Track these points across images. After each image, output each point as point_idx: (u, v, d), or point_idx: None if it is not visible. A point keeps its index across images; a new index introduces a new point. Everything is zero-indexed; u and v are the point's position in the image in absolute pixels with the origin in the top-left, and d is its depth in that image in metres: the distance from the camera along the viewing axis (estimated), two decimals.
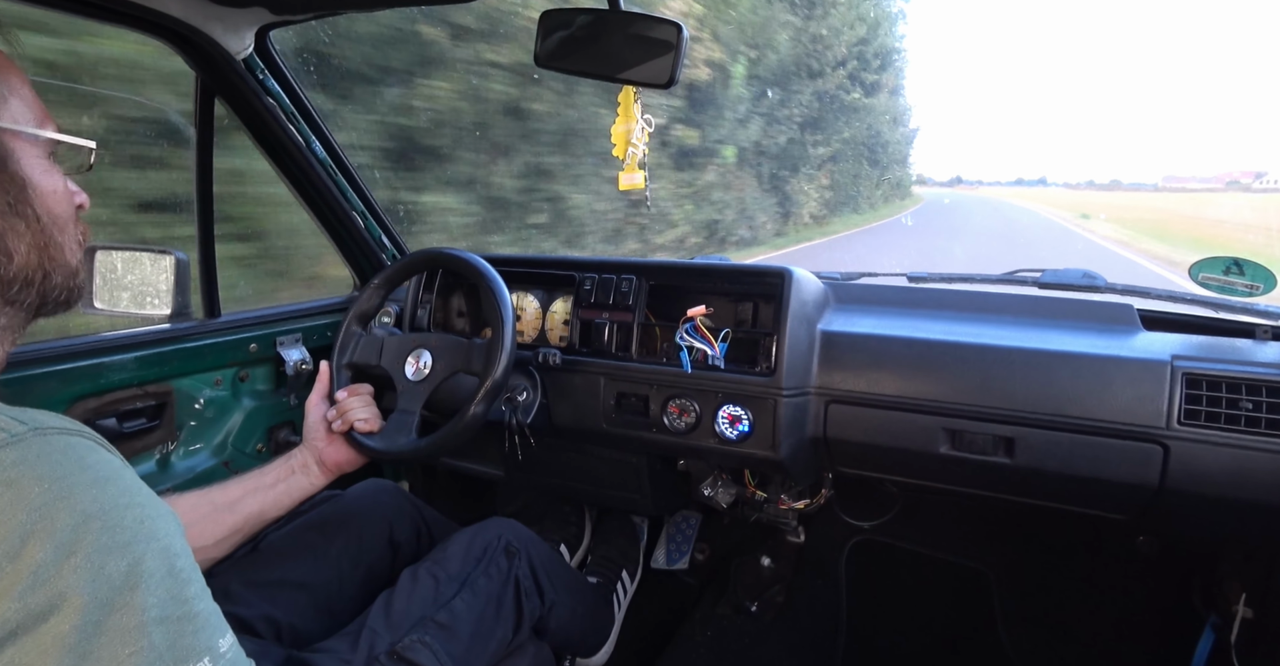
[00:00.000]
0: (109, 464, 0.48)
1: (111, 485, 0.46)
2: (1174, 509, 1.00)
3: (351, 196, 1.43)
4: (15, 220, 0.55)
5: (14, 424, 0.45)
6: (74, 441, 0.47)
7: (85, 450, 0.47)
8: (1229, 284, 1.07)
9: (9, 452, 0.44)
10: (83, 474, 0.45)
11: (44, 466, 0.44)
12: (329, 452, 1.07)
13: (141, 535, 0.45)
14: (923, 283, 1.34)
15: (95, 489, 0.45)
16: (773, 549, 1.67)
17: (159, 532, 0.46)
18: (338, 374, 1.16)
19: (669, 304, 1.25)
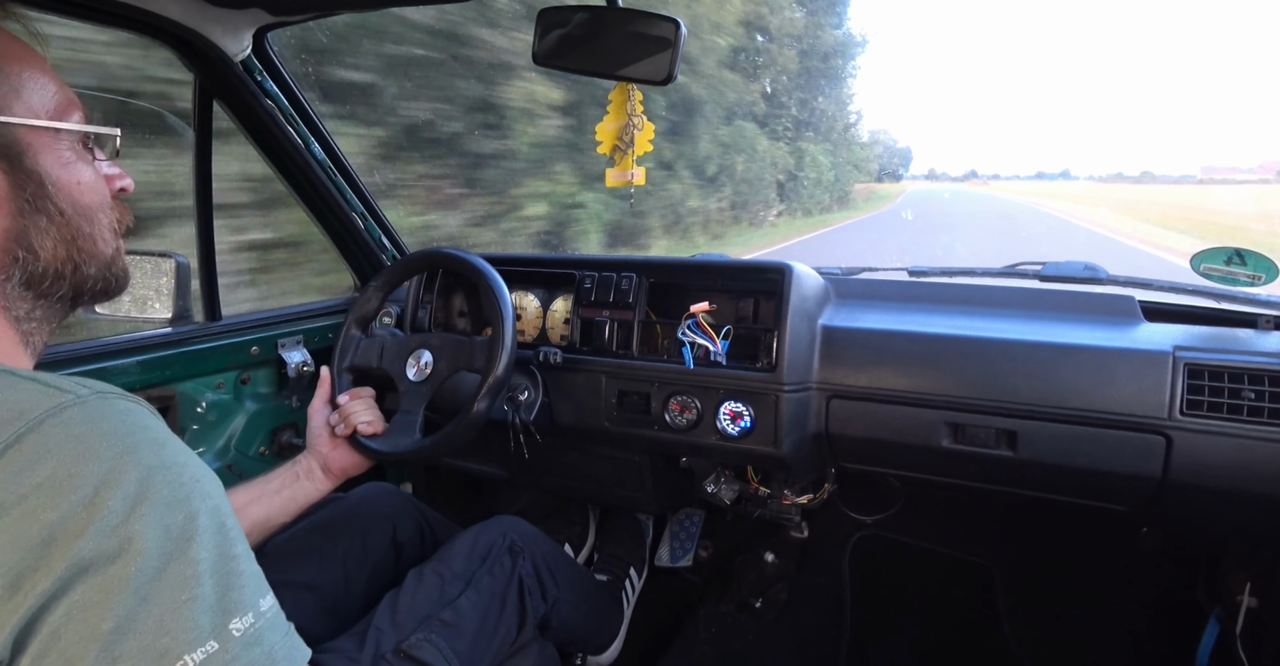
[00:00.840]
0: (162, 428, 0.50)
1: (169, 445, 0.48)
2: (1177, 500, 1.00)
3: (351, 197, 1.43)
4: (37, 216, 0.55)
5: (79, 387, 0.47)
6: (132, 406, 0.49)
7: (142, 414, 0.49)
8: (1231, 274, 1.07)
9: (77, 411, 0.45)
10: (144, 433, 0.47)
11: (109, 424, 0.46)
12: (334, 457, 1.07)
13: (197, 492, 0.47)
14: (923, 277, 1.34)
15: (156, 447, 0.47)
16: (776, 545, 1.67)
17: (211, 491, 0.48)
18: (339, 378, 1.16)
19: (669, 301, 1.25)
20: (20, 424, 0.43)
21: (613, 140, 1.09)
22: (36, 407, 0.44)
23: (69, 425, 0.44)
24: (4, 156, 0.53)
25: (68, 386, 0.47)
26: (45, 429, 0.44)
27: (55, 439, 0.44)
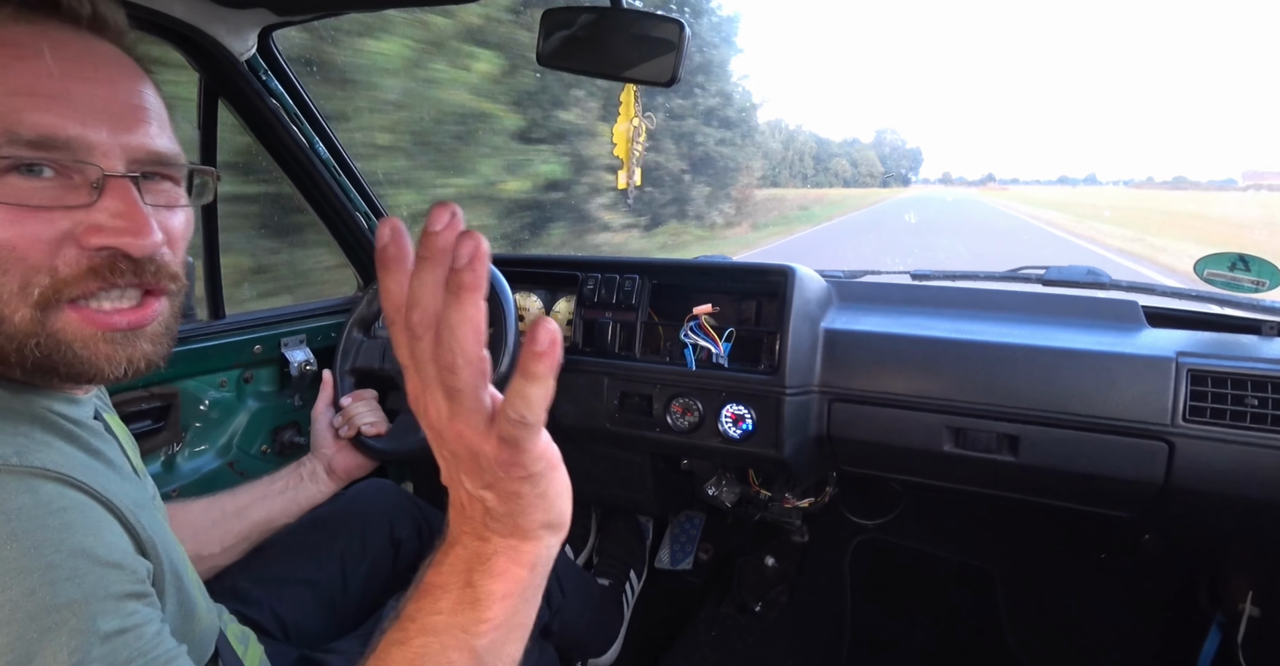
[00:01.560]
0: (37, 509, 0.41)
1: (13, 544, 0.39)
2: (1180, 506, 1.00)
3: (355, 197, 1.43)
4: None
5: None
6: (7, 481, 0.41)
7: (15, 492, 0.41)
8: (1235, 280, 1.07)
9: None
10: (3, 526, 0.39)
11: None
12: (338, 459, 1.07)
13: (22, 614, 0.38)
14: (926, 280, 1.34)
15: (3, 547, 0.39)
16: (777, 548, 1.67)
17: (53, 610, 0.39)
18: (341, 380, 1.17)
19: (672, 303, 1.25)
20: None
21: (626, 142, 1.10)
22: None
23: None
24: None
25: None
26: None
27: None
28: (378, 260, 0.37)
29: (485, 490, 0.42)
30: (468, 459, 0.41)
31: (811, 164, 56.18)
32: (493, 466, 0.40)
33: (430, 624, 0.44)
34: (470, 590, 0.44)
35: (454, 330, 0.36)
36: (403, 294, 0.37)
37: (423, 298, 0.36)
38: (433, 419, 0.41)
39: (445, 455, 0.43)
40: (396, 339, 0.39)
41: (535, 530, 0.44)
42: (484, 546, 0.44)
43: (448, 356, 0.37)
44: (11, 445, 0.44)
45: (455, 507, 0.45)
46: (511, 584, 0.44)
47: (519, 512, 0.43)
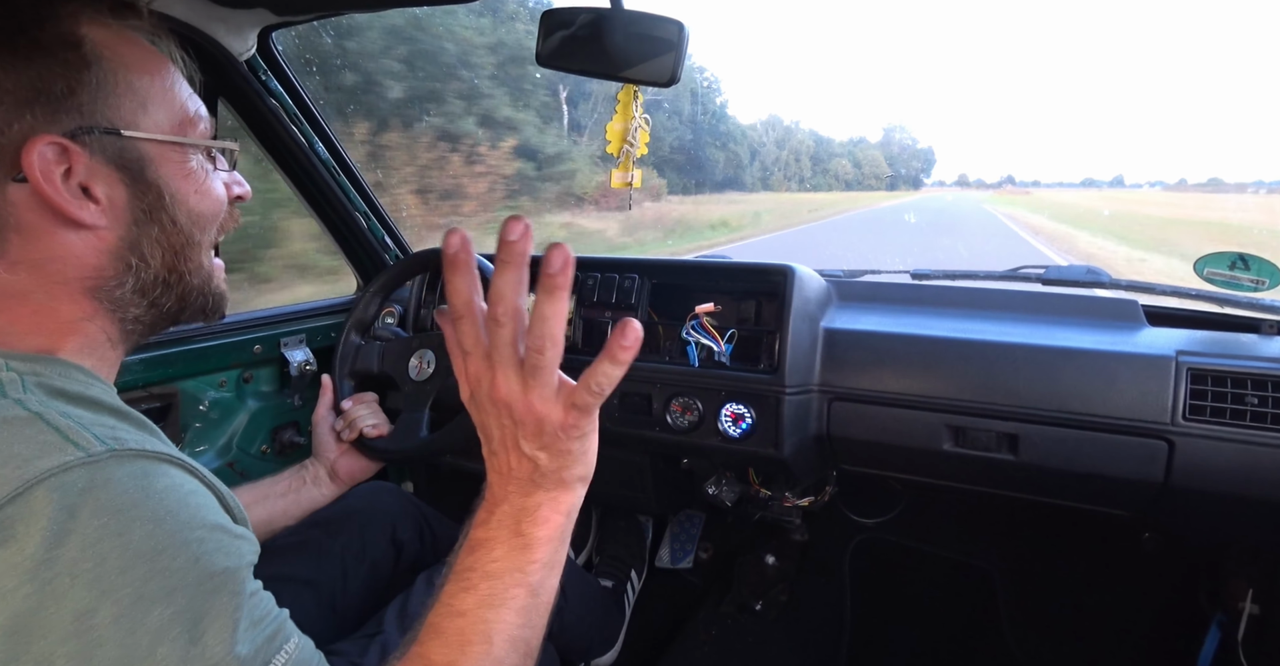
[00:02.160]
0: (177, 490, 0.46)
1: (172, 520, 0.44)
2: (1179, 505, 1.00)
3: (354, 197, 1.43)
4: (150, 226, 0.56)
5: (92, 442, 0.44)
6: (149, 467, 0.46)
7: (158, 476, 0.46)
8: (1234, 279, 1.07)
9: (80, 476, 0.42)
10: (144, 506, 0.44)
11: (108, 495, 0.43)
12: (341, 463, 1.07)
13: (190, 579, 0.43)
14: (926, 280, 1.34)
15: (153, 525, 0.43)
16: (777, 547, 1.67)
17: (213, 572, 0.45)
18: (340, 384, 1.17)
19: (671, 302, 1.25)
20: (15, 484, 0.41)
21: (620, 141, 1.10)
22: (37, 466, 0.42)
23: (65, 493, 0.41)
24: (126, 168, 0.54)
25: (85, 440, 0.44)
26: (36, 494, 0.41)
27: (45, 508, 0.40)
28: (448, 264, 0.46)
29: (541, 451, 0.51)
30: (533, 424, 0.49)
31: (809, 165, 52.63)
32: (555, 429, 0.49)
33: (491, 570, 0.52)
34: (520, 538, 0.53)
35: (547, 320, 0.45)
36: (469, 291, 0.47)
37: (506, 294, 0.45)
38: (502, 393, 0.49)
39: (506, 424, 0.51)
40: (464, 328, 0.48)
41: (573, 482, 0.54)
42: (529, 500, 0.53)
43: (538, 341, 0.46)
44: (130, 432, 0.49)
45: (499, 472, 0.54)
46: (553, 528, 0.54)
47: (565, 467, 0.52)
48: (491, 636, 0.51)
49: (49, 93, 0.50)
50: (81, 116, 0.52)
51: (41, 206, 0.51)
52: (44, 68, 0.50)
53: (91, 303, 0.55)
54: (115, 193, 0.54)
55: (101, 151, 0.53)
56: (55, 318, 0.53)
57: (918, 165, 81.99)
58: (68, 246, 0.52)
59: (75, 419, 0.46)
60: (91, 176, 0.52)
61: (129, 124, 0.54)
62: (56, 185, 0.50)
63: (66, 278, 0.53)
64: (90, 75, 0.52)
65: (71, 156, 0.51)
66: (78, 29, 0.52)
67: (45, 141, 0.50)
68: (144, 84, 0.55)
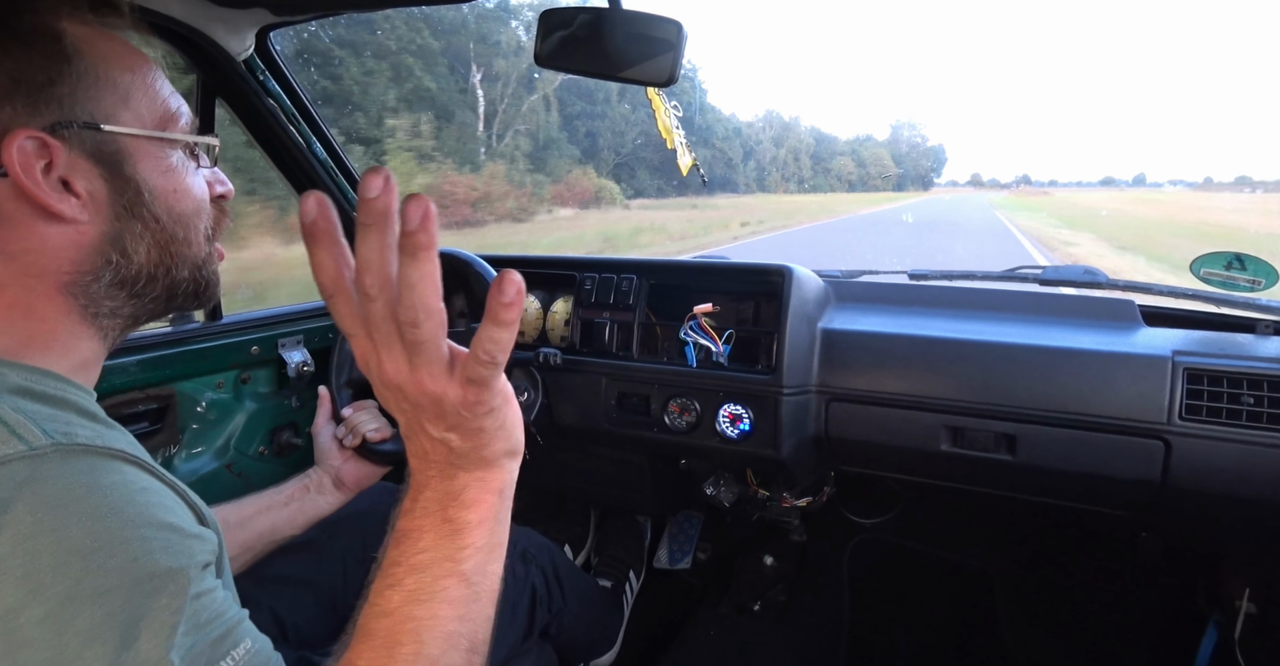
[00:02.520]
0: (125, 487, 0.44)
1: (116, 517, 0.42)
2: (1177, 505, 1.00)
3: (353, 197, 1.43)
4: (132, 222, 0.55)
5: (38, 435, 0.43)
6: (97, 463, 0.44)
7: (106, 472, 0.44)
8: (1231, 279, 1.07)
9: (20, 468, 0.41)
10: (86, 501, 0.41)
11: (48, 490, 0.41)
12: (346, 470, 1.07)
13: (128, 579, 0.41)
14: (923, 280, 1.34)
15: (93, 522, 0.41)
16: (775, 548, 1.67)
17: (155, 576, 0.42)
18: (338, 393, 1.16)
19: (669, 303, 1.25)
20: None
21: (671, 134, 1.13)
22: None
23: (1, 486, 0.40)
24: (105, 163, 0.53)
25: (31, 434, 0.43)
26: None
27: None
28: (306, 235, 0.39)
29: (449, 432, 0.46)
30: (431, 406, 0.45)
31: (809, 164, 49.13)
32: (457, 408, 0.45)
33: (417, 562, 0.49)
34: (448, 524, 0.49)
35: (414, 287, 0.39)
36: (335, 265, 0.41)
37: (372, 262, 0.39)
38: (390, 375, 0.44)
39: (405, 407, 0.46)
40: (338, 308, 0.42)
41: (499, 459, 0.50)
42: (452, 484, 0.49)
43: (409, 313, 0.40)
44: (89, 429, 0.47)
45: (418, 456, 0.49)
46: (485, 510, 0.50)
47: (483, 445, 0.48)
48: (421, 634, 0.48)
49: (29, 85, 0.50)
50: (61, 110, 0.51)
51: (20, 199, 0.50)
52: (24, 60, 0.50)
53: (66, 299, 0.54)
54: (95, 187, 0.53)
55: (81, 145, 0.52)
56: (30, 314, 0.53)
57: (927, 164, 74.85)
58: (46, 240, 0.52)
59: (28, 414, 0.45)
60: (72, 170, 0.52)
61: (109, 118, 0.54)
62: (37, 178, 0.50)
63: (43, 271, 0.53)
64: (71, 69, 0.52)
65: (52, 150, 0.51)
66: (57, 23, 0.52)
67: (25, 135, 0.49)
68: (125, 79, 0.55)
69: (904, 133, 77.07)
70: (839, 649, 1.53)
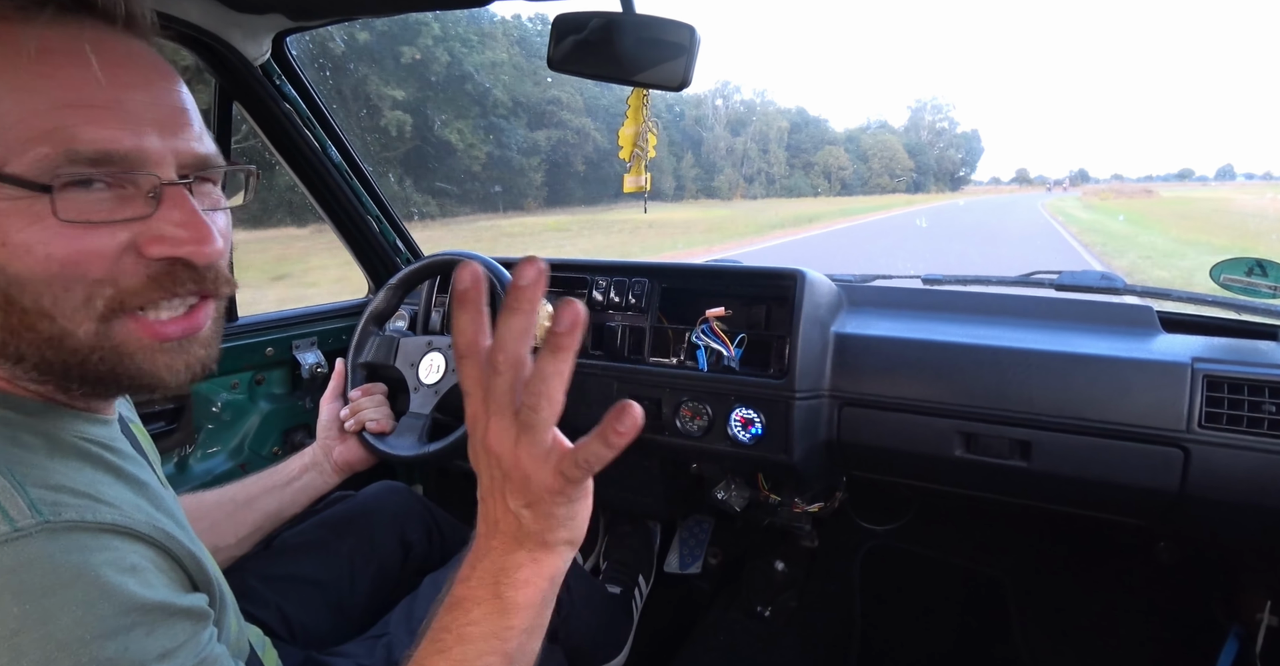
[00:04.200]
0: (115, 565, 0.42)
1: (105, 603, 0.40)
2: (1195, 514, 0.98)
3: (366, 200, 1.44)
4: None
5: (25, 512, 0.40)
6: (86, 540, 0.41)
7: (95, 550, 0.42)
8: (1251, 285, 1.05)
9: (4, 554, 0.38)
10: (75, 587, 0.39)
11: (34, 576, 0.38)
12: (340, 451, 1.08)
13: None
14: (937, 285, 1.33)
15: (83, 610, 0.39)
16: (786, 553, 1.66)
17: (143, 659, 0.41)
18: (352, 373, 1.18)
19: (681, 306, 1.25)
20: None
21: (631, 146, 1.10)
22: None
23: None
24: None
25: (17, 509, 0.40)
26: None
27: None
28: (457, 300, 0.42)
29: (526, 508, 0.47)
30: (519, 480, 0.46)
31: (784, 157, 38.04)
32: (540, 490, 0.46)
33: (465, 634, 0.49)
34: (498, 600, 0.50)
35: (547, 380, 0.42)
36: (474, 331, 0.43)
37: (509, 342, 0.42)
38: (493, 442, 0.45)
39: (495, 473, 0.47)
40: (466, 369, 0.44)
41: (559, 545, 0.50)
42: (510, 559, 0.50)
43: (534, 398, 0.42)
44: (78, 500, 0.44)
45: (488, 521, 0.50)
46: (534, 593, 0.50)
47: (549, 529, 0.49)
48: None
49: None
50: None
51: None
52: None
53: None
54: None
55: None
56: None
57: (956, 156, 57.96)
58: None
59: (16, 475, 0.41)
60: None
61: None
62: None
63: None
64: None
65: None
66: None
67: None
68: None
69: (925, 116, 59.94)
70: (849, 655, 1.52)
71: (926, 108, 60.50)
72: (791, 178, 38.47)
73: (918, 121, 60.11)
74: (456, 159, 12.32)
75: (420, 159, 10.86)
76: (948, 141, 59.14)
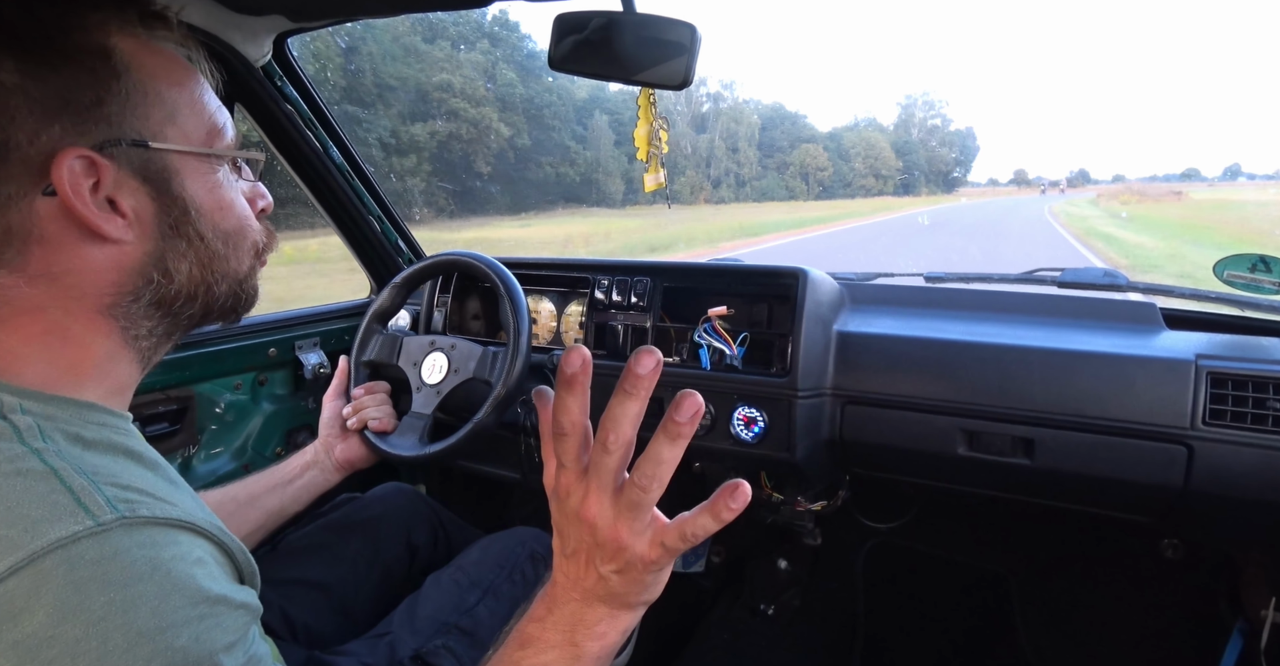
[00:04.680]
0: (183, 562, 0.45)
1: (177, 595, 0.43)
2: (1199, 511, 0.98)
3: (368, 201, 1.44)
4: (177, 240, 0.55)
5: (103, 507, 0.43)
6: (158, 535, 0.45)
7: (166, 545, 0.45)
8: (1255, 282, 1.05)
9: (89, 547, 0.41)
10: (151, 580, 0.43)
11: (116, 568, 0.42)
12: (341, 449, 1.09)
13: (191, 658, 0.42)
14: (939, 282, 1.33)
15: (159, 601, 0.42)
16: (789, 551, 1.66)
17: (211, 650, 0.44)
18: (355, 371, 1.18)
19: (683, 305, 1.25)
20: (22, 554, 0.40)
21: (647, 146, 1.11)
22: (46, 535, 0.40)
23: (74, 565, 0.40)
24: (153, 181, 0.53)
25: (96, 505, 0.43)
26: (45, 566, 0.40)
27: (52, 582, 0.39)
28: (563, 383, 0.45)
29: (615, 573, 0.49)
30: (613, 550, 0.48)
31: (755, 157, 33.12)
32: (635, 560, 0.48)
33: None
34: (573, 647, 0.52)
35: (661, 464, 0.45)
36: (580, 411, 0.47)
37: (624, 425, 0.45)
38: (590, 514, 0.47)
39: (585, 541, 0.49)
40: (568, 445, 0.47)
41: (638, 604, 0.52)
42: (589, 611, 0.52)
43: (646, 480, 0.45)
44: (144, 498, 0.47)
45: (570, 577, 0.51)
46: (607, 644, 0.52)
47: (634, 592, 0.51)
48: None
49: (77, 103, 0.49)
50: (110, 128, 0.51)
51: (66, 219, 0.50)
52: (72, 77, 0.49)
53: (106, 320, 0.53)
54: (142, 206, 0.53)
55: (129, 164, 0.52)
56: (68, 339, 0.52)
57: (950, 154, 53.91)
58: (88, 260, 0.51)
59: (90, 475, 0.45)
60: (119, 189, 0.51)
61: (157, 136, 0.53)
62: (85, 199, 0.49)
63: (84, 293, 0.52)
64: (119, 86, 0.51)
65: (100, 169, 0.50)
66: (107, 40, 0.51)
67: (74, 154, 0.48)
68: (172, 95, 0.54)
69: (917, 113, 55.58)
70: (853, 652, 1.52)
71: (918, 104, 56.94)
72: (764, 179, 34.39)
73: (908, 119, 56.45)
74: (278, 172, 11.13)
75: None
76: (940, 139, 55.23)
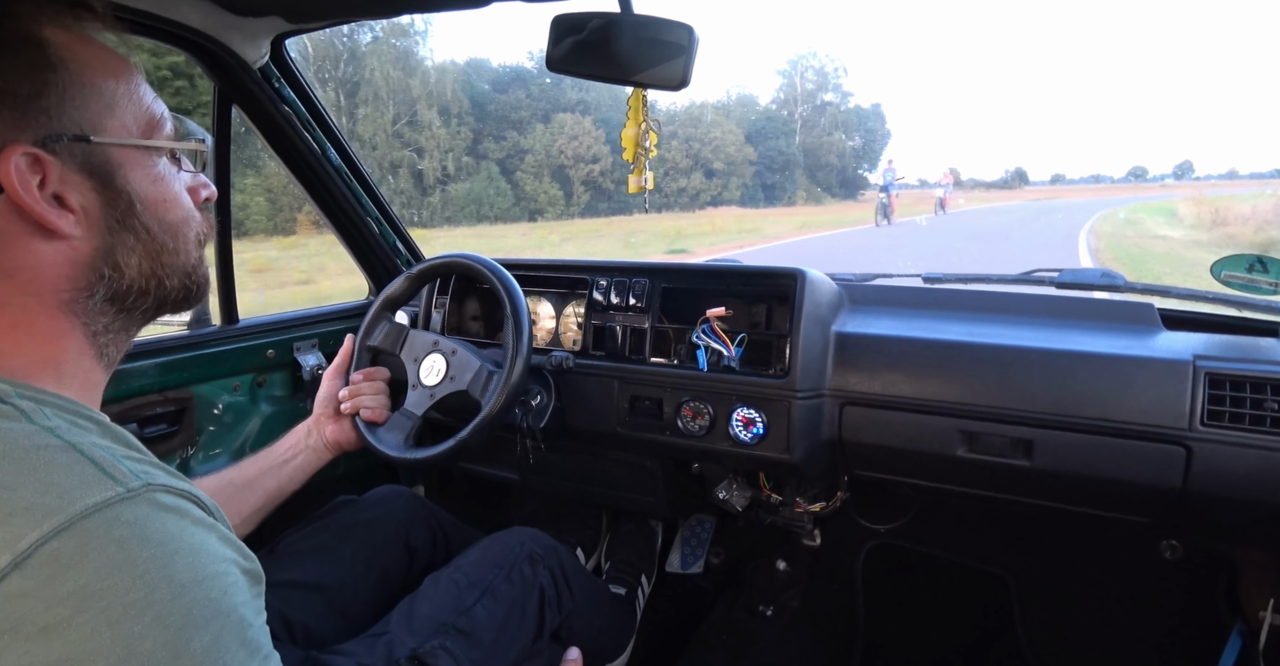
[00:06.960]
0: (200, 526, 0.48)
1: (204, 553, 0.46)
2: (1198, 512, 0.98)
3: (366, 203, 1.44)
4: (124, 234, 0.55)
5: (129, 476, 0.45)
6: (178, 503, 0.47)
7: (186, 510, 0.48)
8: (1253, 282, 1.05)
9: (124, 510, 0.44)
10: (181, 539, 0.45)
11: (151, 529, 0.44)
12: (333, 430, 1.09)
13: (224, 607, 0.45)
14: (938, 283, 1.33)
15: (191, 557, 0.45)
16: (788, 552, 1.66)
17: (237, 602, 0.46)
18: (359, 354, 1.18)
19: (682, 306, 1.25)
20: (63, 516, 0.41)
21: (634, 147, 1.10)
22: (82, 501, 0.42)
23: (113, 526, 0.43)
24: (97, 176, 0.53)
25: (121, 474, 0.45)
26: (84, 527, 0.42)
27: (96, 540, 0.42)
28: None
29: None
30: None
31: (467, 144, 20.01)
32: None
33: None
34: None
35: None
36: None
37: None
38: None
39: None
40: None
41: None
42: None
43: None
44: (142, 467, 0.48)
45: None
46: None
47: None
48: None
49: (15, 96, 0.49)
50: (50, 121, 0.50)
51: (15, 216, 0.50)
52: (8, 70, 0.49)
53: (67, 317, 0.54)
54: (89, 201, 0.52)
55: (72, 159, 0.51)
56: (33, 335, 0.52)
57: (847, 143, 36.28)
58: (39, 256, 0.51)
59: (105, 450, 0.47)
60: (65, 185, 0.51)
61: (97, 129, 0.53)
62: (35, 195, 0.49)
63: (40, 289, 0.52)
64: (56, 78, 0.50)
65: (44, 165, 0.50)
66: (40, 30, 0.50)
67: (19, 151, 0.48)
68: (109, 87, 0.54)
69: (797, 78, 35.45)
70: (852, 654, 1.52)
71: (801, 71, 36.05)
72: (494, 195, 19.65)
73: (790, 87, 36.80)
74: None
75: None
76: (833, 120, 35.68)
